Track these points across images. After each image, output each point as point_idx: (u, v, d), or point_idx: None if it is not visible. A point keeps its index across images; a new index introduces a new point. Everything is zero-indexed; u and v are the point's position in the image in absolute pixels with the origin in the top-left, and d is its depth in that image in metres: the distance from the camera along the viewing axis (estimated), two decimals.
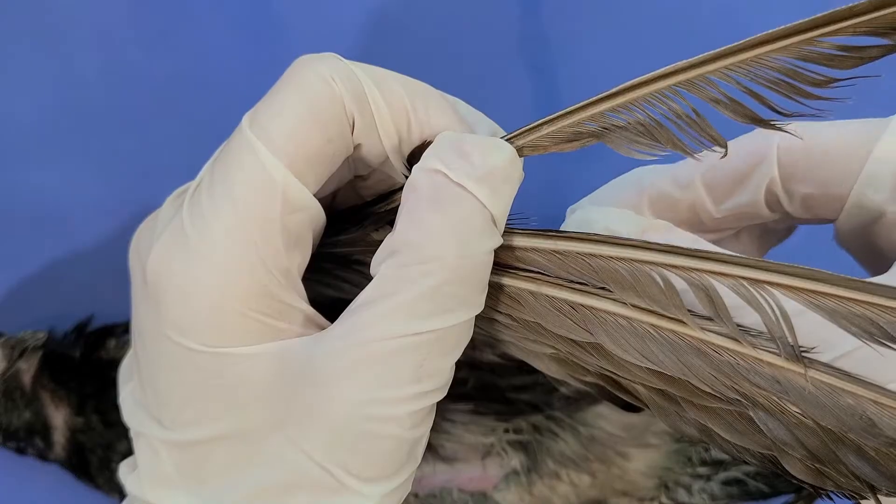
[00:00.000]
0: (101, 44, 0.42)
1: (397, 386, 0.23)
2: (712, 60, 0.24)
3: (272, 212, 0.24)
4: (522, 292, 0.26)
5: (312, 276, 0.27)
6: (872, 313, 0.23)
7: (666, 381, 0.25)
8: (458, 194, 0.24)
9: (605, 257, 0.25)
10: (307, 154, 0.25)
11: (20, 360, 0.36)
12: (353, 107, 0.25)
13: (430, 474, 0.35)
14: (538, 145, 0.26)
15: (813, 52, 0.24)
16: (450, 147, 0.25)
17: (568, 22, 0.44)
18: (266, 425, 0.24)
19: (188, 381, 0.25)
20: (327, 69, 0.25)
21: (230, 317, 0.24)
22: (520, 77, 0.43)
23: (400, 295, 0.24)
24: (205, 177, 0.25)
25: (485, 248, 0.25)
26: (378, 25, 0.43)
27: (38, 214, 0.42)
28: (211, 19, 0.43)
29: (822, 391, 0.23)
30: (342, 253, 0.28)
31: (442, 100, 0.27)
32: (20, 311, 0.41)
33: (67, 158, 0.42)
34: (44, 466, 0.38)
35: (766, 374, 0.24)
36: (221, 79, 0.43)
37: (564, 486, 0.36)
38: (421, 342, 0.24)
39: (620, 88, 0.25)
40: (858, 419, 0.23)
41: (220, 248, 0.24)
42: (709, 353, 0.24)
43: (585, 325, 0.25)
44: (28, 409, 0.36)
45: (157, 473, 0.26)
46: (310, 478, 0.24)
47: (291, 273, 0.25)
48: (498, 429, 0.35)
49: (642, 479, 0.37)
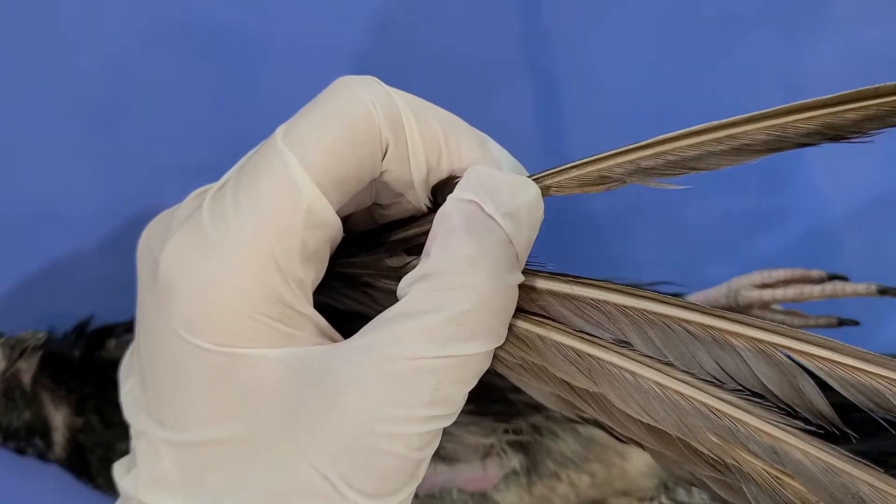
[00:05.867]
0: (101, 44, 0.42)
1: (410, 406, 0.24)
2: (742, 123, 0.25)
3: (295, 224, 0.24)
4: (531, 335, 0.26)
5: (319, 289, 0.27)
6: (882, 385, 0.23)
7: (663, 443, 0.26)
8: (490, 226, 0.25)
9: (617, 305, 0.26)
10: (337, 174, 0.25)
11: (20, 360, 0.36)
12: (388, 134, 0.25)
13: (430, 474, 0.35)
14: (564, 186, 0.27)
15: (837, 121, 0.24)
16: (481, 181, 0.25)
17: (568, 22, 0.44)
18: (274, 430, 0.24)
19: (195, 381, 0.25)
20: (368, 94, 0.25)
21: (242, 319, 0.24)
22: (520, 77, 0.43)
23: (428, 316, 0.24)
24: (230, 179, 0.25)
25: (511, 281, 0.25)
26: (378, 25, 0.43)
27: (39, 214, 0.42)
28: (211, 20, 0.43)
29: (818, 467, 0.24)
30: (352, 273, 0.28)
31: (472, 135, 0.27)
32: (20, 311, 0.41)
33: (67, 158, 0.42)
34: (44, 466, 0.38)
35: (764, 443, 0.24)
36: (222, 79, 0.43)
37: (564, 486, 0.36)
38: (440, 366, 0.24)
39: (653, 141, 0.26)
40: (851, 498, 0.23)
41: (239, 250, 0.24)
42: (710, 417, 0.25)
43: (590, 375, 0.26)
44: (28, 409, 0.36)
45: (155, 474, 0.26)
46: (311, 487, 0.24)
47: (305, 285, 0.25)
48: (498, 429, 0.35)
49: (642, 479, 0.37)
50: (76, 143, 0.42)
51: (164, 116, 0.43)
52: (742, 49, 0.43)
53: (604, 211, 0.43)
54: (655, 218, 0.43)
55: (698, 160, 0.25)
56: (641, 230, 0.43)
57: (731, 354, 0.25)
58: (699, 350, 0.25)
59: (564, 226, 0.43)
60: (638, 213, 0.43)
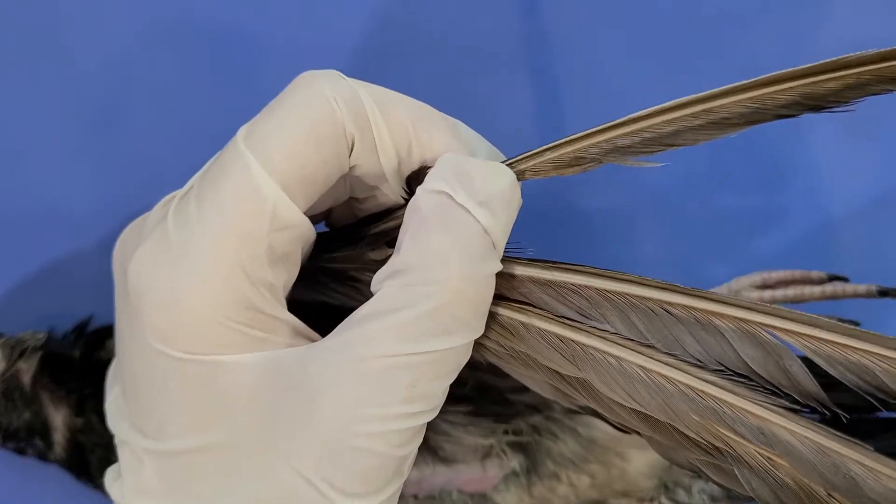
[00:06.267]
0: (101, 44, 0.42)
1: (388, 404, 0.23)
2: (719, 97, 0.24)
3: (260, 228, 0.24)
4: (515, 323, 0.26)
5: (308, 286, 0.27)
6: (869, 361, 0.23)
7: (651, 427, 0.25)
8: (462, 216, 0.24)
9: (599, 290, 0.25)
10: (301, 173, 0.24)
11: (20, 360, 0.36)
12: (353, 129, 0.25)
13: (430, 476, 0.35)
14: (540, 169, 0.26)
15: (817, 91, 0.24)
16: (453, 170, 0.25)
17: (568, 22, 0.43)
18: (254, 436, 0.24)
19: (172, 390, 0.25)
20: (331, 89, 0.25)
21: (212, 326, 0.24)
22: (520, 77, 0.43)
23: (400, 313, 0.23)
24: (194, 185, 0.25)
25: (487, 271, 0.24)
26: (378, 25, 0.43)
27: (39, 214, 0.42)
28: (211, 20, 0.43)
29: (807, 447, 0.23)
30: (338, 268, 0.28)
31: (443, 122, 0.26)
32: (20, 311, 0.41)
33: (67, 158, 0.42)
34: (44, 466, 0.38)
35: (751, 424, 0.24)
36: (222, 79, 0.43)
37: (564, 487, 0.36)
38: (416, 362, 0.23)
39: (628, 119, 0.25)
40: (843, 478, 0.23)
41: (204, 257, 0.24)
42: (695, 399, 0.24)
43: (574, 360, 0.25)
44: (28, 409, 0.36)
45: (140, 483, 0.26)
46: (296, 492, 0.24)
47: (276, 287, 0.25)
48: (497, 430, 0.35)
49: (642, 479, 0.37)
50: (76, 143, 0.42)
51: (164, 116, 0.42)
52: (742, 49, 0.43)
53: (603, 210, 0.43)
54: (655, 218, 0.43)
55: (675, 136, 0.25)
56: (641, 230, 0.43)
57: (716, 336, 0.24)
58: (682, 333, 0.25)
59: (564, 225, 0.43)
60: (638, 213, 0.43)
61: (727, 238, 0.43)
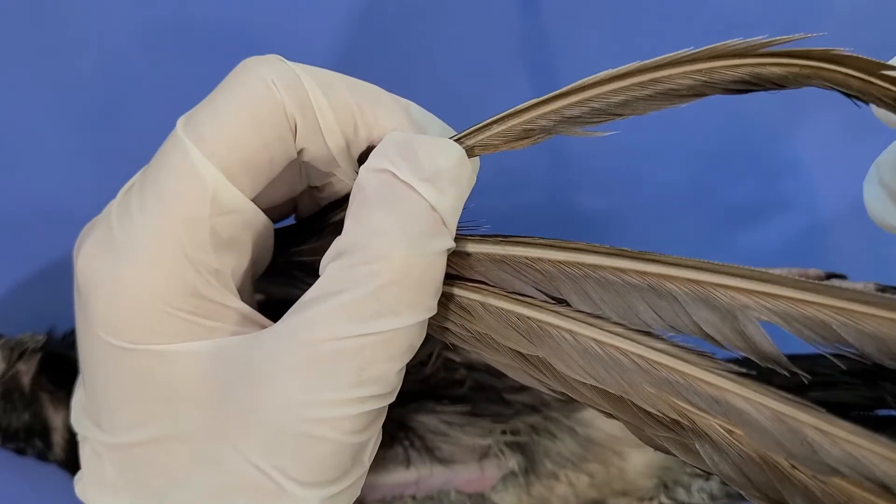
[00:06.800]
0: (101, 44, 0.42)
1: (336, 389, 0.23)
2: (667, 66, 0.24)
3: (200, 213, 0.24)
4: (473, 303, 0.25)
5: (285, 281, 0.26)
6: (826, 316, 0.22)
7: (613, 404, 0.24)
8: (406, 193, 0.24)
9: (553, 262, 0.25)
10: (242, 157, 0.24)
11: (19, 361, 0.36)
12: (294, 111, 0.24)
13: (428, 476, 0.35)
14: (489, 144, 0.25)
15: (763, 73, 0.23)
16: (397, 147, 0.24)
17: (568, 22, 0.43)
18: (203, 426, 0.24)
19: (121, 382, 0.24)
20: (270, 73, 0.25)
21: (157, 315, 0.24)
22: (520, 77, 0.43)
23: (344, 294, 0.23)
24: (137, 179, 0.25)
25: (435, 248, 0.24)
26: (378, 25, 0.43)
27: (39, 214, 0.42)
28: (211, 20, 0.43)
29: (763, 414, 0.22)
30: (307, 262, 0.27)
31: (392, 101, 0.26)
32: (20, 311, 0.41)
33: (67, 158, 0.42)
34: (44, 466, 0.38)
35: (705, 393, 0.23)
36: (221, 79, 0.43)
37: (563, 486, 0.36)
38: (363, 344, 0.23)
39: (575, 87, 0.25)
40: (800, 445, 0.22)
41: (145, 246, 0.24)
42: (649, 371, 0.24)
43: (530, 338, 0.25)
44: (27, 410, 0.36)
45: (99, 478, 0.25)
46: (249, 481, 0.23)
47: (223, 274, 0.25)
48: (495, 430, 0.35)
49: (641, 478, 0.37)
50: (76, 143, 0.42)
51: (164, 116, 0.42)
52: None
53: (602, 210, 0.43)
54: (653, 216, 0.43)
55: (624, 106, 0.24)
56: (639, 229, 0.43)
57: (669, 301, 0.24)
58: (636, 300, 0.24)
59: (563, 225, 0.43)
60: (635, 212, 0.43)
61: (725, 236, 0.43)
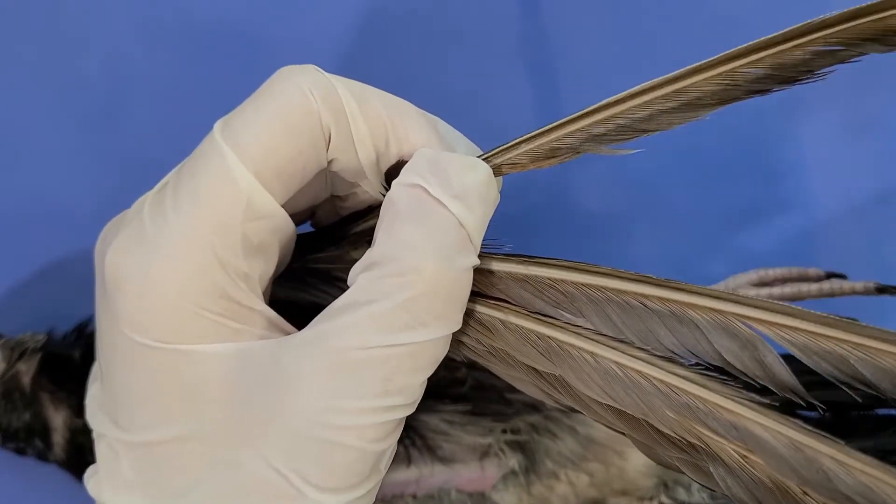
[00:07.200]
0: (101, 44, 0.42)
1: (362, 397, 0.23)
2: (689, 75, 0.24)
3: (234, 217, 0.24)
4: (493, 320, 0.26)
5: (296, 286, 0.26)
6: (844, 350, 0.23)
7: (628, 424, 0.25)
8: (436, 209, 0.24)
9: (576, 284, 0.25)
10: (276, 164, 0.24)
11: (19, 361, 0.36)
12: (329, 121, 0.25)
13: (428, 475, 0.35)
14: (517, 163, 0.26)
15: (786, 60, 0.24)
16: (428, 164, 0.25)
17: (568, 22, 0.43)
18: (225, 427, 0.24)
19: (144, 380, 0.24)
20: (306, 82, 0.25)
21: (185, 315, 0.24)
22: (520, 77, 0.43)
23: (374, 305, 0.23)
24: (171, 178, 0.25)
25: (463, 264, 0.24)
26: (378, 25, 0.43)
27: (39, 214, 0.42)
28: (211, 20, 0.43)
29: (780, 442, 0.23)
30: (323, 269, 0.28)
31: (421, 117, 0.26)
32: (20, 311, 0.41)
33: (67, 158, 0.42)
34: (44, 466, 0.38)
35: (724, 419, 0.24)
36: (221, 79, 0.43)
37: (563, 486, 0.36)
38: (391, 355, 0.23)
39: (600, 105, 0.25)
40: (815, 473, 0.23)
41: (177, 245, 0.24)
42: (670, 395, 0.24)
43: (550, 357, 0.25)
44: (27, 410, 0.36)
45: (116, 476, 0.25)
46: (268, 484, 0.23)
47: (251, 278, 0.25)
48: (496, 429, 0.35)
49: (641, 478, 0.37)
50: (76, 143, 0.42)
51: (165, 116, 0.42)
52: None
53: (602, 210, 0.43)
54: (653, 216, 0.43)
55: (649, 121, 0.25)
56: (639, 229, 0.43)
57: (690, 328, 0.24)
58: (658, 326, 0.24)
59: (562, 225, 0.43)
60: (636, 212, 0.43)
61: (725, 236, 0.43)
